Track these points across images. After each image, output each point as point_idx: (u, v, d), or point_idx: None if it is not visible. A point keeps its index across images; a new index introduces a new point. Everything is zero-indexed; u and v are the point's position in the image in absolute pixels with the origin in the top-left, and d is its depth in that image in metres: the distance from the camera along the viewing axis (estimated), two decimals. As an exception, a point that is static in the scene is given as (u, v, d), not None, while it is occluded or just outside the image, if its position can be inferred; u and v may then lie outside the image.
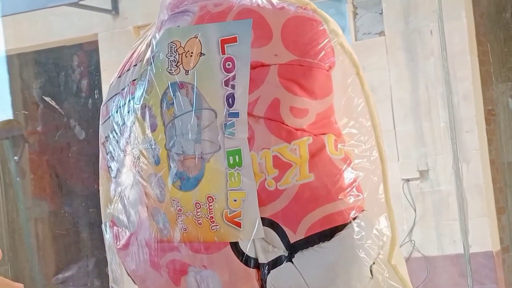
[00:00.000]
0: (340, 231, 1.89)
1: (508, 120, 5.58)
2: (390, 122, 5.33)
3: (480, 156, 5.25)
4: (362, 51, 5.49)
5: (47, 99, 6.09)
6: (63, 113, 6.06)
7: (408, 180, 5.33)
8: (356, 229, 1.89)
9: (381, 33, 5.49)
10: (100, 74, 6.23)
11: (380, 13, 5.51)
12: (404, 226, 5.26)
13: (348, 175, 1.91)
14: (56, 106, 5.97)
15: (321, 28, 1.98)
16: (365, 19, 5.59)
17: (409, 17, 5.38)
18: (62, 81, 6.48)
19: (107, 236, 2.31)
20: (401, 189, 5.30)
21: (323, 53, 1.95)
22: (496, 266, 5.18)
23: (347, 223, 1.89)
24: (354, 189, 1.91)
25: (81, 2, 6.05)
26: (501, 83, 5.49)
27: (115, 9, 6.38)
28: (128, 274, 2.27)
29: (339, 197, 1.89)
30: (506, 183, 5.62)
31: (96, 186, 2.40)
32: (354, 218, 1.89)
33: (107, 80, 5.99)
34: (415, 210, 5.27)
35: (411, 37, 5.40)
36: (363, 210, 1.92)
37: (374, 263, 1.90)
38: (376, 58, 5.44)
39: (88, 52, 6.60)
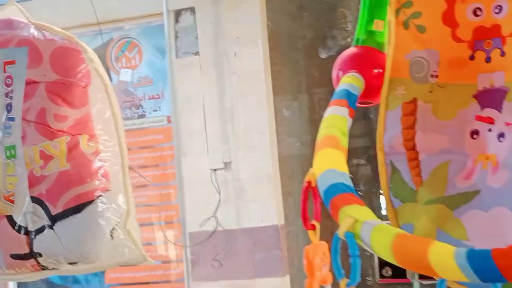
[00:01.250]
0: (88, 205, 2.15)
1: (290, 123, 6.04)
2: (202, 124, 5.64)
3: (271, 152, 5.65)
4: (182, 67, 5.78)
5: None
6: None
7: (215, 170, 5.65)
8: (100, 204, 2.16)
9: (197, 53, 5.78)
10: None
11: (196, 37, 5.82)
12: (211, 206, 5.58)
13: (96, 164, 2.19)
14: None
15: (81, 56, 2.23)
16: (184, 41, 5.88)
17: (218, 41, 5.71)
18: None
19: None
20: (209, 177, 5.62)
21: (81, 74, 2.21)
22: (281, 237, 5.61)
23: (93, 200, 2.16)
24: (99, 175, 2.18)
25: None
26: (283, 94, 5.95)
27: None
28: None
29: (88, 181, 2.16)
30: (292, 172, 6.08)
31: None
32: (99, 196, 2.17)
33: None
34: (219, 194, 5.60)
35: (219, 57, 5.74)
36: (107, 190, 2.19)
37: (113, 228, 2.18)
38: (192, 73, 5.73)
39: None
